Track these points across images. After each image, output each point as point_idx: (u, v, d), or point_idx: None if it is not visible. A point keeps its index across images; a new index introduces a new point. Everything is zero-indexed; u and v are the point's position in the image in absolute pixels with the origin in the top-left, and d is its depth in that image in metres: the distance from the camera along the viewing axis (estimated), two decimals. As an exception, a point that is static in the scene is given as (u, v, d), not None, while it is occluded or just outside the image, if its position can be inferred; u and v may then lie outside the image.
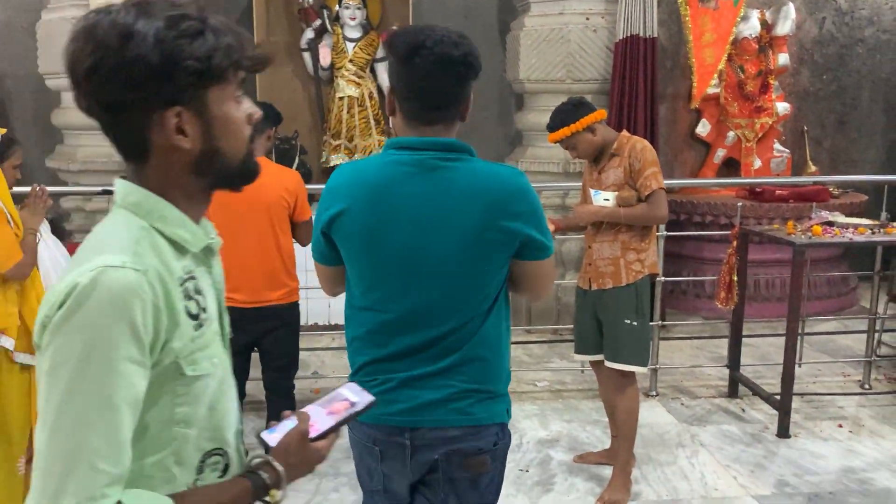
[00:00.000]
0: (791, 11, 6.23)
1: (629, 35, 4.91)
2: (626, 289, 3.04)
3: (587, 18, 5.04)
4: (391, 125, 1.71)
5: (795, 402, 3.92)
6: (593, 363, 3.31)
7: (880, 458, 3.45)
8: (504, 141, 6.07)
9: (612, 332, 3.08)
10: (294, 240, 3.12)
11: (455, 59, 1.51)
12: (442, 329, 1.57)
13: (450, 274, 1.55)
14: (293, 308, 3.09)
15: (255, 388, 3.37)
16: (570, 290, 4.78)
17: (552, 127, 3.07)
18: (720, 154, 6.46)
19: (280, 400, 3.10)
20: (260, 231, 2.94)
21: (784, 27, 6.25)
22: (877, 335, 4.46)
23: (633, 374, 3.09)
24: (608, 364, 3.11)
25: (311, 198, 3.14)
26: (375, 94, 5.70)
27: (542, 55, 5.17)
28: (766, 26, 6.31)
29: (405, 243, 1.55)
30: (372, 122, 5.64)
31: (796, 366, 3.86)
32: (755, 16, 6.29)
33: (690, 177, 6.61)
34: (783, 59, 6.31)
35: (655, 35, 4.96)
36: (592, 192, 3.08)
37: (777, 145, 6.40)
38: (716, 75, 6.27)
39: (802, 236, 3.79)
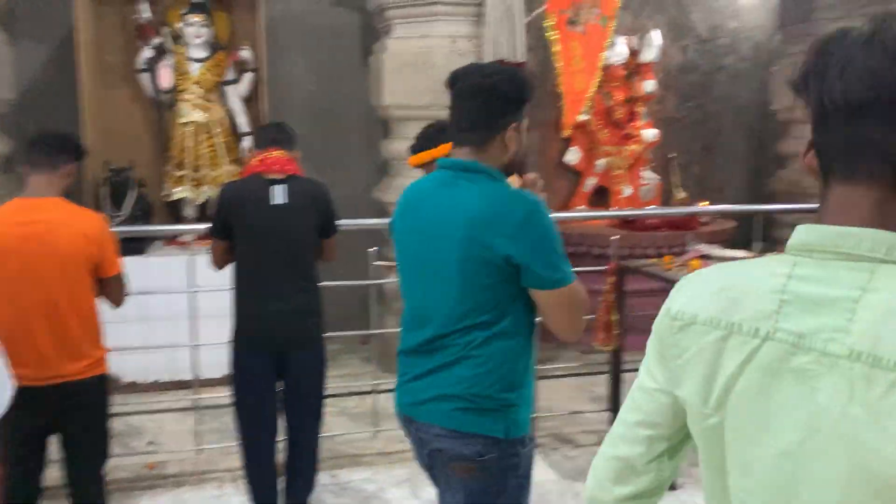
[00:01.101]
0: (656, 39, 6.22)
1: (497, 60, 4.63)
2: None
3: (453, 42, 4.75)
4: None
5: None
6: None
7: None
8: (371, 170, 5.67)
9: None
10: (104, 299, 2.58)
11: (481, 86, 1.70)
12: (437, 332, 1.73)
13: (445, 281, 1.70)
14: (99, 383, 2.52)
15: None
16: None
17: (413, 149, 2.75)
18: (590, 182, 6.35)
19: (86, 495, 2.53)
20: (49, 289, 2.37)
21: (649, 54, 6.23)
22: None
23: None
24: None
25: (134, 241, 2.64)
26: (226, 120, 5.15)
27: (406, 80, 4.82)
28: (633, 53, 6.27)
29: (417, 250, 1.78)
30: (222, 150, 5.07)
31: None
32: (622, 42, 6.24)
33: (561, 206, 6.47)
34: (650, 85, 6.28)
35: (524, 60, 4.72)
36: None
37: (647, 172, 6.35)
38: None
39: (680, 273, 3.60)
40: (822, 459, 0.79)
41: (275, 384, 2.85)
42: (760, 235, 4.23)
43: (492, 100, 1.70)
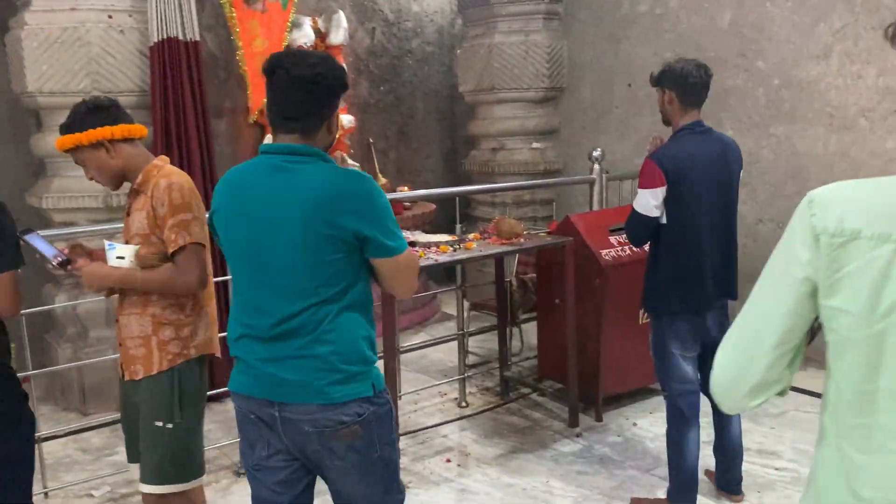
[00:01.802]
0: (342, 20, 6.01)
1: (165, 38, 4.07)
2: (158, 378, 2.24)
3: (110, 17, 4.06)
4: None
5: (402, 442, 3.57)
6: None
7: (493, 493, 3.23)
8: (26, 171, 4.73)
9: (145, 439, 2.26)
10: None
11: (307, 77, 1.74)
12: (291, 314, 1.76)
13: (289, 262, 1.74)
14: None
15: None
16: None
17: (62, 129, 2.24)
18: (290, 171, 6.00)
19: None
20: None
21: (337, 36, 6.00)
22: (465, 349, 4.37)
23: (184, 493, 2.28)
24: (141, 487, 2.28)
25: None
26: None
27: (55, 61, 4.04)
28: (321, 35, 6.01)
29: (251, 237, 1.79)
30: None
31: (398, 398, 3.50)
32: (307, 23, 5.93)
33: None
34: (341, 69, 6.08)
35: (198, 38, 4.20)
36: (106, 244, 2.23)
37: (346, 158, 6.16)
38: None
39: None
40: None
41: None
42: (458, 217, 4.26)
43: (319, 90, 1.76)
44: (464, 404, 4.17)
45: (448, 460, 3.50)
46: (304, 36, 5.85)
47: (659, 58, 4.86)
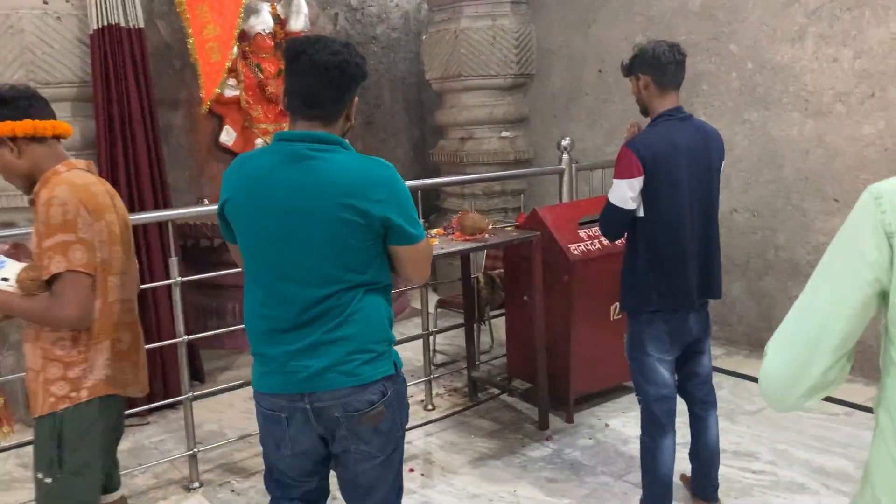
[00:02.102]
0: (303, 6, 5.78)
1: (106, 25, 3.81)
2: (40, 422, 1.98)
3: (45, 2, 3.80)
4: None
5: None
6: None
7: None
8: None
9: (36, 491, 2.01)
10: None
11: (331, 64, 1.72)
12: (317, 298, 1.76)
13: (316, 252, 1.74)
14: None
15: None
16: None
17: None
18: (251, 164, 5.76)
19: None
20: None
21: (298, 23, 5.77)
22: (432, 347, 4.19)
23: None
24: None
25: None
26: None
27: (-14, 50, 3.78)
28: (280, 21, 5.77)
29: (277, 226, 1.74)
30: None
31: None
32: (266, 9, 5.70)
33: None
34: (302, 57, 5.84)
35: (142, 26, 3.95)
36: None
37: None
38: (231, 76, 5.55)
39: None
40: None
41: None
42: (422, 212, 4.07)
43: (343, 77, 1.74)
44: (430, 407, 4.00)
45: (411, 469, 3.32)
46: (263, 22, 5.62)
47: (629, 42, 4.69)
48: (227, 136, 5.66)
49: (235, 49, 5.48)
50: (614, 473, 3.24)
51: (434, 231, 3.71)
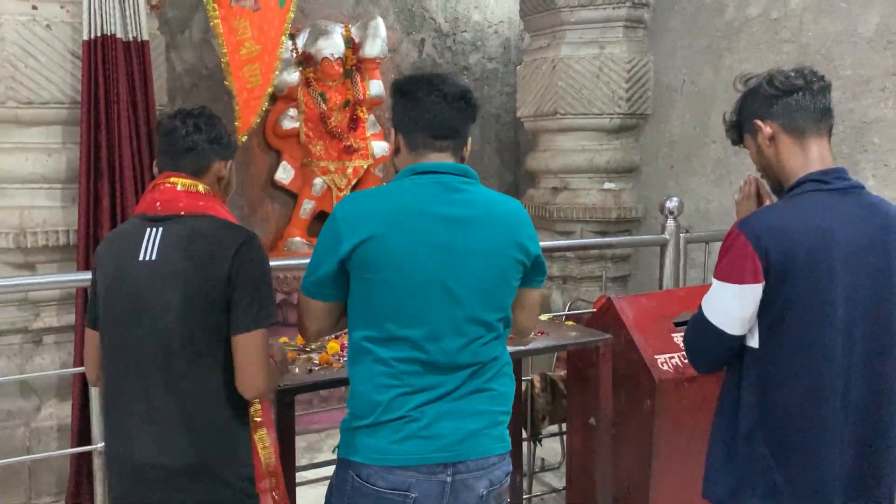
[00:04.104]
0: (381, 29, 5.03)
1: (99, 35, 3.16)
2: None
3: (34, 7, 3.20)
4: (394, 165, 1.73)
5: None
6: None
7: None
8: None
9: None
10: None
11: (458, 94, 1.66)
12: (473, 344, 1.60)
13: (475, 291, 1.60)
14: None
15: None
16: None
17: None
18: (308, 207, 5.04)
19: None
20: None
21: (374, 48, 5.02)
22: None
23: None
24: None
25: None
26: None
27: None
28: (353, 45, 5.04)
29: (438, 263, 1.59)
30: None
31: None
32: (338, 31, 4.99)
33: (274, 236, 5.12)
34: (376, 87, 5.08)
35: (145, 38, 3.28)
36: None
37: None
38: (291, 105, 4.87)
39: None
40: None
41: None
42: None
43: (470, 108, 1.69)
44: None
45: None
46: (332, 46, 4.91)
47: (771, 76, 3.53)
48: (284, 174, 4.97)
49: (297, 75, 4.83)
50: None
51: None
